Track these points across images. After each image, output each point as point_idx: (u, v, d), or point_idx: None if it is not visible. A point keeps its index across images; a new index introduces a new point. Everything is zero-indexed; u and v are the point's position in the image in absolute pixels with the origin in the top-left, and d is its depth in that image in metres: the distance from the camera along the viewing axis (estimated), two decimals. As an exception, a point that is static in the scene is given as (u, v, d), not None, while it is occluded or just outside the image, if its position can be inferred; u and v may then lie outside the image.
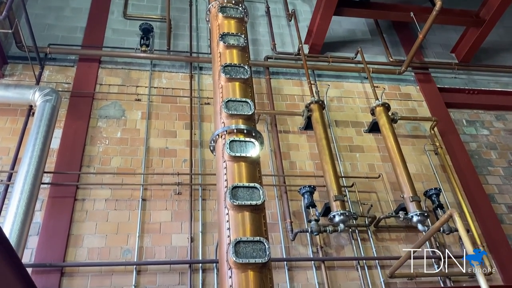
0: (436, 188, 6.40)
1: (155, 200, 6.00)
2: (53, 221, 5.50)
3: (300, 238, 5.98)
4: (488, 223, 6.51)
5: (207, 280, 5.40)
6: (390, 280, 5.71)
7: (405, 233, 6.27)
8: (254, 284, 2.85)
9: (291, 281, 5.58)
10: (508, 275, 5.94)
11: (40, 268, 5.07)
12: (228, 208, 3.25)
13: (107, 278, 5.21)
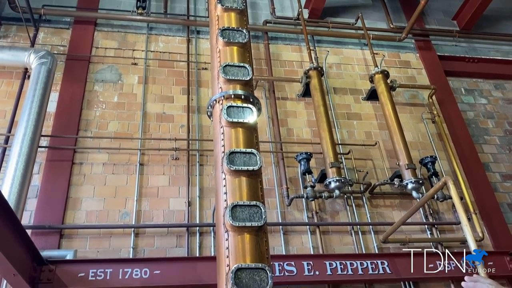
0: (432, 156, 6.45)
1: (152, 165, 6.04)
2: (51, 184, 5.54)
3: (296, 203, 6.07)
4: (482, 191, 6.60)
5: (204, 242, 5.51)
6: (383, 245, 5.84)
7: (399, 200, 6.36)
8: (250, 246, 2.91)
9: (286, 244, 5.69)
10: (498, 241, 6.08)
11: (39, 229, 5.15)
12: (225, 173, 3.27)
13: (105, 240, 5.30)
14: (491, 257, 5.53)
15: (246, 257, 2.88)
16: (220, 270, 2.93)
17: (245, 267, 2.81)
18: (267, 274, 2.81)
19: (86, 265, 4.78)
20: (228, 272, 2.80)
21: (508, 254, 5.68)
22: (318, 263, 5.30)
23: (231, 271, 2.77)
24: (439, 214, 6.34)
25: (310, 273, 5.20)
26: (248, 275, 2.79)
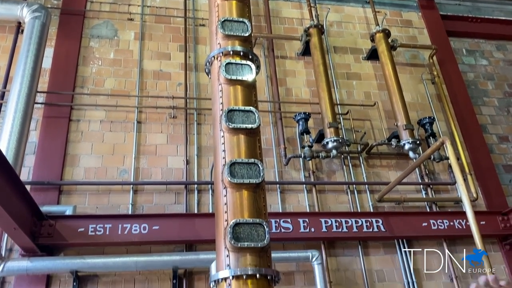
0: (430, 117, 6.44)
1: (150, 123, 6.01)
2: (48, 140, 5.53)
3: (293, 163, 6.10)
4: (478, 152, 6.65)
5: (202, 200, 5.58)
6: (378, 204, 5.93)
7: (396, 160, 6.41)
8: (248, 202, 2.95)
9: (283, 203, 5.77)
10: (492, 201, 6.18)
11: (38, 185, 5.18)
12: (223, 131, 3.26)
13: (104, 196, 5.36)
14: (484, 217, 5.65)
15: (244, 212, 2.92)
16: (219, 225, 2.98)
17: (243, 222, 2.86)
18: (265, 229, 2.86)
19: (85, 221, 4.86)
20: (226, 226, 2.85)
21: (501, 214, 5.79)
22: (313, 220, 5.40)
23: (230, 225, 2.82)
24: (434, 174, 6.40)
25: (306, 230, 5.31)
26: (246, 230, 2.84)
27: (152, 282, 4.95)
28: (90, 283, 4.82)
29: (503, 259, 5.81)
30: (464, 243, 5.78)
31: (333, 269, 5.41)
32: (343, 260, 5.51)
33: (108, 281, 4.86)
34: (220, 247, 2.91)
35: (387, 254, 5.62)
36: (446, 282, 5.54)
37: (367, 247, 5.63)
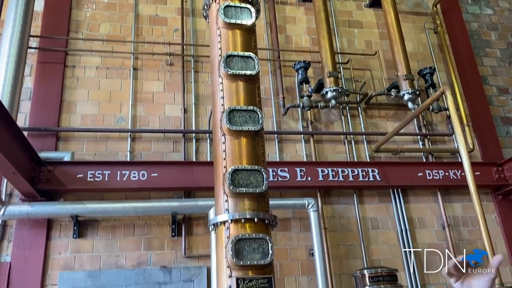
0: (430, 67, 6.36)
1: (146, 70, 5.91)
2: (44, 86, 5.45)
3: (292, 113, 6.07)
4: (477, 104, 6.62)
5: (200, 148, 5.59)
6: (375, 154, 5.97)
7: (394, 111, 6.38)
8: (247, 149, 2.95)
9: (281, 152, 5.80)
10: (487, 153, 6.23)
11: (35, 132, 5.16)
12: (222, 77, 3.20)
13: (102, 143, 5.35)
14: (479, 168, 5.71)
15: (242, 159, 2.93)
16: (217, 171, 2.99)
17: (242, 169, 2.87)
18: (263, 176, 2.88)
19: (84, 167, 4.89)
20: (225, 173, 2.87)
21: (496, 165, 5.86)
22: (310, 169, 5.45)
23: (228, 172, 2.83)
24: (432, 125, 6.41)
25: (303, 179, 5.37)
26: (245, 176, 2.86)
27: (152, 227, 5.06)
28: (90, 228, 4.92)
29: (495, 209, 5.94)
30: (458, 193, 5.90)
31: (328, 216, 5.52)
32: (338, 208, 5.63)
33: (108, 226, 4.96)
34: (219, 192, 2.94)
35: (381, 203, 5.73)
36: (439, 230, 5.70)
37: (362, 196, 5.73)
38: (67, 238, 4.83)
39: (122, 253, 4.88)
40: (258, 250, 2.69)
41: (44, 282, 4.61)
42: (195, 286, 4.85)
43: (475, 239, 5.66)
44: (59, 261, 4.73)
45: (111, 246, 4.89)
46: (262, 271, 2.67)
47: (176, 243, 5.04)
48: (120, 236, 4.95)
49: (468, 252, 4.61)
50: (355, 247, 5.43)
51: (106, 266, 4.80)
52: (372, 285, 3.62)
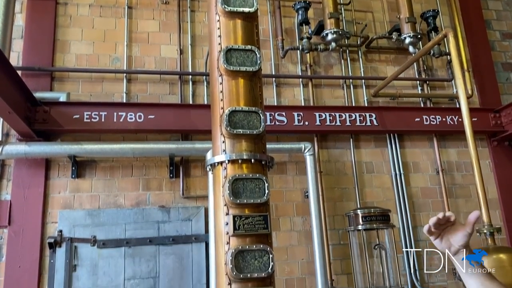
0: (434, 10, 6.18)
1: (141, 9, 5.71)
2: (36, 24, 5.28)
3: (290, 56, 5.96)
4: (479, 49, 6.49)
5: (197, 91, 5.53)
6: (373, 99, 5.94)
7: (395, 55, 6.28)
8: (244, 90, 2.91)
9: (278, 96, 5.75)
10: (486, 99, 6.20)
11: (29, 71, 5.06)
12: (219, 15, 3.10)
13: (97, 84, 5.28)
14: (477, 113, 5.71)
15: (240, 100, 2.90)
16: (215, 112, 2.97)
17: (239, 110, 2.85)
18: (260, 117, 2.87)
19: (80, 108, 4.85)
20: (222, 114, 2.85)
21: (493, 111, 5.86)
22: (308, 114, 5.44)
23: (225, 113, 2.81)
24: (432, 70, 6.33)
25: (300, 123, 5.37)
26: (242, 118, 2.84)
27: (150, 169, 5.11)
28: (88, 168, 4.97)
29: (489, 154, 6.01)
30: (454, 139, 5.94)
31: (324, 160, 5.58)
32: (334, 152, 5.67)
33: (106, 167, 5.01)
34: (216, 134, 2.94)
35: (377, 148, 5.78)
36: (432, 175, 5.79)
37: (358, 141, 5.76)
38: (65, 178, 4.89)
39: (121, 193, 4.97)
40: (254, 190, 2.73)
41: (44, 220, 4.72)
42: (193, 225, 4.98)
43: (468, 184, 5.78)
44: (58, 200, 4.82)
45: (109, 186, 4.96)
46: (258, 209, 2.72)
47: (174, 184, 5.12)
48: (119, 177, 5.01)
49: (458, 195, 4.73)
50: (349, 190, 5.54)
51: (105, 205, 4.90)
52: (364, 224, 3.72)
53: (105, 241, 4.72)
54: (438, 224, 1.55)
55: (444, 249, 1.58)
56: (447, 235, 1.56)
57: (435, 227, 1.55)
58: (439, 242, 1.58)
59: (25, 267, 4.50)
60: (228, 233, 2.65)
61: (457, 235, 1.55)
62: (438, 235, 1.57)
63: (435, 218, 1.54)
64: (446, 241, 1.57)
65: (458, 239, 1.54)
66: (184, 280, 4.78)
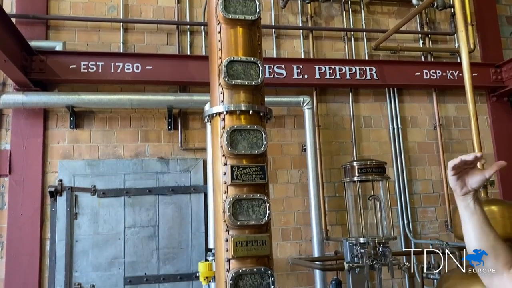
0: (440, -40, 5.96)
1: (137, -46, 5.50)
2: (28, -30, 5.10)
3: (291, 6, 5.81)
4: (483, 1, 6.33)
5: (195, 42, 5.44)
6: (374, 52, 5.86)
7: (397, 7, 6.13)
8: (243, 39, 2.86)
9: (278, 48, 5.66)
10: (488, 54, 6.12)
11: (23, 19, 4.94)
12: (218, -39, 3.00)
13: (94, 34, 5.18)
14: (477, 68, 5.65)
15: (238, 50, 2.87)
16: (213, 63, 2.94)
17: (238, 60, 2.82)
18: (259, 68, 2.84)
19: (77, 57, 4.78)
20: (220, 64, 2.82)
21: (494, 66, 5.80)
22: (307, 67, 5.38)
23: (223, 63, 2.79)
24: (435, 24, 6.20)
25: (299, 76, 5.32)
26: (240, 68, 2.82)
27: (148, 120, 5.11)
28: (87, 119, 4.97)
29: (488, 110, 6.01)
30: (453, 94, 5.92)
31: (322, 114, 5.58)
32: (333, 106, 5.66)
33: (104, 118, 5.01)
34: (214, 85, 2.93)
35: (376, 102, 5.77)
36: (430, 130, 5.82)
37: (357, 95, 5.73)
38: (64, 129, 4.90)
39: (120, 144, 5.00)
40: (252, 141, 2.75)
41: (45, 169, 4.77)
42: (191, 176, 5.05)
43: (465, 139, 5.82)
44: (58, 150, 4.85)
45: (108, 137, 4.98)
46: (256, 160, 2.76)
47: (173, 136, 5.14)
48: (117, 128, 5.02)
49: (454, 150, 4.77)
50: (347, 144, 5.58)
51: (105, 156, 4.95)
52: (360, 176, 3.78)
53: (105, 190, 4.80)
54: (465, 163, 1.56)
55: (456, 188, 1.61)
56: (465, 175, 1.59)
57: (461, 164, 1.56)
58: (455, 180, 1.60)
59: (28, 215, 4.61)
60: (226, 182, 2.70)
61: (474, 177, 1.57)
62: (458, 173, 1.59)
63: (471, 155, 1.55)
64: (461, 181, 1.59)
65: (474, 181, 1.57)
66: (183, 229, 4.91)
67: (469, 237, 1.62)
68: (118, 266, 4.71)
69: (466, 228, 1.63)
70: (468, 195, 1.60)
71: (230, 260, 2.60)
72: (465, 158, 1.55)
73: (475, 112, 3.76)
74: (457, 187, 1.60)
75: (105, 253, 4.71)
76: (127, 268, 4.72)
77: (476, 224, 1.59)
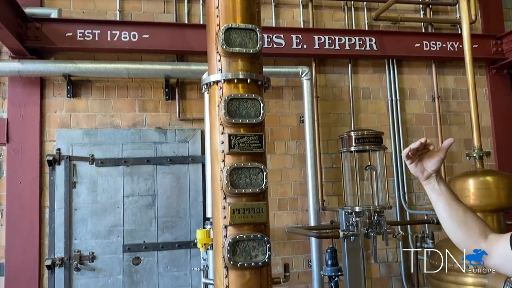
0: None
1: None
2: None
3: (291, -26, 5.70)
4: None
5: (192, 10, 5.35)
6: (374, 23, 5.78)
7: (399, -24, 6.01)
8: (241, 6, 2.74)
9: (277, 17, 5.58)
10: (489, 25, 6.04)
11: (18, -15, 4.84)
12: None
13: (89, 1, 5.07)
14: (478, 40, 5.60)
15: (236, 17, 2.82)
16: (210, 30, 2.90)
17: (235, 27, 2.77)
18: (257, 35, 2.80)
19: (72, 25, 4.71)
20: (218, 31, 2.78)
21: (495, 38, 5.74)
22: (307, 37, 5.32)
23: (221, 30, 2.74)
24: (437, -9, 6.12)
25: (298, 47, 5.27)
26: (238, 35, 2.78)
27: (145, 90, 5.09)
28: (84, 88, 4.94)
29: (487, 82, 5.99)
30: (453, 66, 5.88)
31: (321, 85, 5.55)
32: (332, 77, 5.63)
33: (101, 87, 4.98)
34: (211, 52, 2.89)
35: (375, 73, 5.73)
36: (428, 101, 5.80)
37: (356, 66, 5.69)
38: (61, 97, 4.87)
39: (117, 114, 4.99)
40: (250, 110, 2.75)
41: (42, 138, 4.77)
42: (189, 146, 5.07)
43: (463, 112, 5.82)
44: (55, 119, 4.84)
45: (106, 107, 4.97)
46: (253, 129, 2.75)
47: (170, 106, 5.12)
48: (114, 97, 5.00)
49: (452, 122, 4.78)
50: (345, 116, 5.58)
51: (102, 126, 4.94)
52: (357, 146, 3.79)
53: (103, 159, 4.82)
54: (416, 150, 1.64)
55: (418, 174, 1.69)
56: (422, 160, 1.67)
57: (413, 152, 1.64)
58: (414, 167, 1.68)
59: (26, 183, 4.64)
60: (224, 151, 2.71)
61: (431, 160, 1.65)
62: (414, 160, 1.67)
63: (417, 142, 1.63)
64: (420, 166, 1.67)
65: (431, 164, 1.65)
66: (181, 198, 4.96)
67: (441, 217, 1.69)
68: (117, 234, 4.78)
69: (437, 209, 1.70)
70: (431, 178, 1.68)
71: (228, 227, 2.64)
72: (413, 146, 1.62)
73: (473, 84, 3.76)
74: (418, 173, 1.68)
75: (104, 222, 4.76)
76: (126, 236, 4.79)
77: (445, 203, 1.66)
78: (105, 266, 4.72)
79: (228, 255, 2.56)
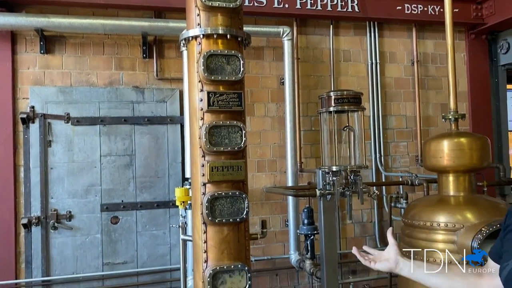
0: None
1: None
2: None
3: None
4: None
5: (171, -35, 5.15)
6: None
7: None
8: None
9: (259, -25, 5.43)
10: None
11: None
12: None
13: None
14: (459, 4, 5.55)
15: (216, -31, 2.72)
16: (189, -17, 2.80)
17: (216, -20, 2.69)
18: (238, -11, 2.73)
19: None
20: (197, -16, 2.69)
21: (476, 2, 5.74)
22: (289, -4, 5.21)
23: (201, -17, 2.66)
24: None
25: (280, 5, 5.16)
26: (218, -11, 2.70)
27: (122, 47, 4.94)
28: (58, 44, 4.77)
29: (465, 48, 6.03)
30: (433, 30, 5.89)
31: (302, 47, 5.50)
32: (313, 38, 5.57)
33: (76, 43, 4.81)
34: (190, 6, 2.80)
35: (356, 36, 5.70)
36: (407, 66, 5.83)
37: (338, 28, 5.64)
38: (34, 53, 4.70)
39: (93, 71, 4.85)
40: (229, 66, 2.71)
41: (15, 96, 4.62)
42: (168, 106, 5.00)
43: (441, 76, 5.88)
44: (28, 75, 4.68)
45: (81, 64, 4.82)
46: (233, 86, 2.73)
47: (148, 65, 5.01)
48: (90, 54, 4.85)
49: (430, 87, 4.81)
50: (325, 78, 5.57)
51: (78, 83, 4.81)
52: (336, 106, 3.80)
53: (79, 118, 4.72)
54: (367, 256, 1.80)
55: (390, 267, 1.74)
56: (380, 256, 1.78)
57: (368, 260, 1.78)
58: (381, 266, 1.76)
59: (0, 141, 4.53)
60: (203, 109, 2.68)
61: (388, 250, 1.76)
62: (370, 261, 1.78)
63: (362, 260, 1.80)
64: (385, 261, 1.76)
65: (386, 252, 1.76)
66: (160, 159, 4.93)
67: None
68: (95, 193, 4.75)
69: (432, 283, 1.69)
70: (399, 263, 1.73)
71: (206, 184, 2.65)
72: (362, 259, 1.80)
73: (452, 47, 3.77)
74: (386, 267, 1.75)
75: (81, 181, 4.72)
76: (103, 195, 4.77)
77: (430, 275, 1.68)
78: (83, 225, 4.71)
79: (206, 212, 2.58)
